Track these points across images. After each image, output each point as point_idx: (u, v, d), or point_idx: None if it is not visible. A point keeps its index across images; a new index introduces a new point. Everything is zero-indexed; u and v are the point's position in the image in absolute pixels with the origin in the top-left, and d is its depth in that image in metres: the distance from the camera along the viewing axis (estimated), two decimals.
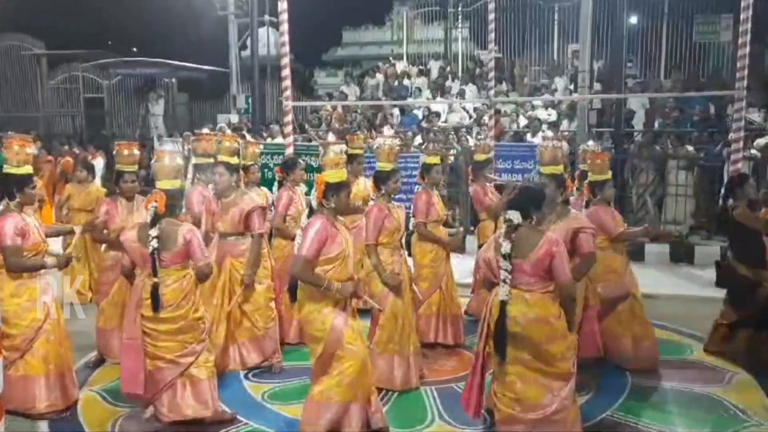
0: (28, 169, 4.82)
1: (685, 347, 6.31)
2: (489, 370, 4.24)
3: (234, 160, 5.68)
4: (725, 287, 5.99)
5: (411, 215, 6.20)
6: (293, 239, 5.12)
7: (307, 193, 6.29)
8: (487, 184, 6.93)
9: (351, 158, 6.23)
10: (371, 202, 5.17)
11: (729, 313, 5.88)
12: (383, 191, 5.32)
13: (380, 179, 5.33)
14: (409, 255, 6.02)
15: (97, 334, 5.80)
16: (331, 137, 8.49)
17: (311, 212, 4.54)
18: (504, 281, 3.97)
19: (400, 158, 6.19)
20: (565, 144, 5.37)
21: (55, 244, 5.24)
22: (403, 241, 5.49)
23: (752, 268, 5.66)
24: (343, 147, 4.71)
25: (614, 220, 5.46)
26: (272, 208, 6.38)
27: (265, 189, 6.95)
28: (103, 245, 6.05)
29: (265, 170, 10.02)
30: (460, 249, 7.06)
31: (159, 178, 4.56)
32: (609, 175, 5.48)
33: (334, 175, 4.40)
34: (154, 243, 4.34)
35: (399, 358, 5.18)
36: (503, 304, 3.97)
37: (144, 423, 4.72)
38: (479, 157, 6.75)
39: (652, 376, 5.52)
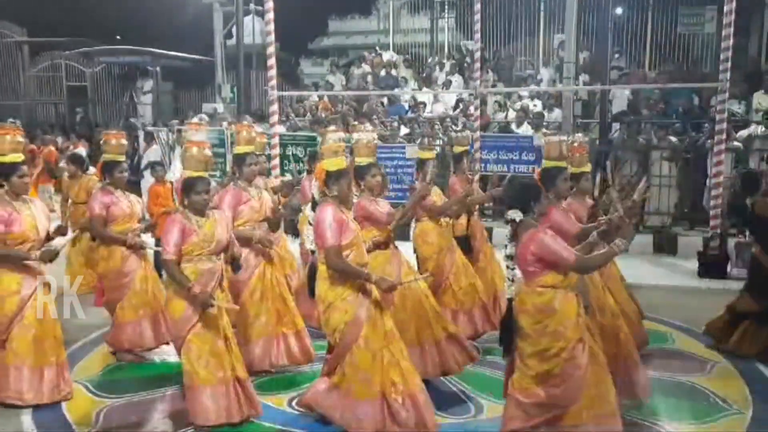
0: (15, 157, 4.78)
1: (667, 336, 6.39)
2: None
3: (253, 148, 5.73)
4: (712, 278, 6.04)
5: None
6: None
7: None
8: (469, 175, 6.92)
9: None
10: (354, 198, 5.08)
11: (748, 302, 5.84)
12: (362, 187, 5.18)
13: (358, 174, 5.22)
14: (414, 252, 6.03)
15: (120, 328, 5.66)
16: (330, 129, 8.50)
17: (314, 205, 4.54)
18: (510, 280, 3.99)
19: (386, 149, 6.20)
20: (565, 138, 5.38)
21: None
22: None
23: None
24: (342, 135, 4.70)
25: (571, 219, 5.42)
26: None
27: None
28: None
29: None
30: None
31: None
32: (587, 167, 5.47)
33: (333, 163, 4.40)
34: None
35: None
36: (510, 302, 4.01)
37: (125, 414, 4.73)
38: (457, 149, 6.79)
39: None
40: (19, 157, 4.81)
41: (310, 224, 4.57)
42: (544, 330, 3.89)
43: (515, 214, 3.93)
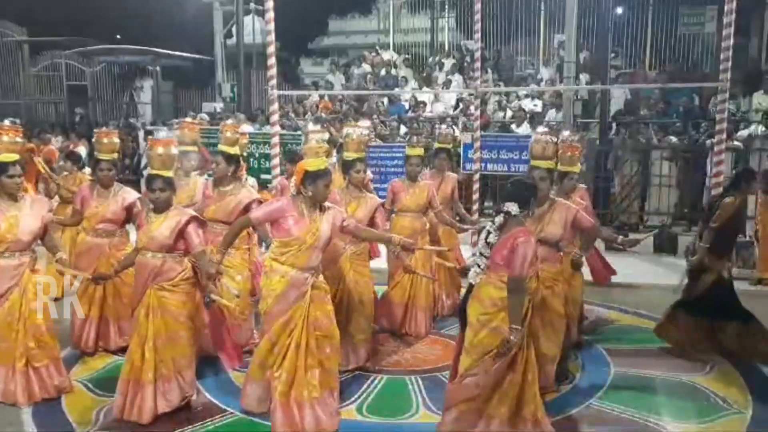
0: (7, 156, 4.76)
1: None
2: None
3: (233, 150, 5.68)
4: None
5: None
6: None
7: None
8: (448, 174, 6.96)
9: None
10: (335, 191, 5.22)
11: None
12: (347, 181, 5.33)
13: (344, 168, 5.38)
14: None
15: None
16: (311, 126, 8.50)
17: None
18: (478, 265, 4.08)
19: (385, 148, 6.25)
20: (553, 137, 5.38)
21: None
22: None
23: (714, 256, 5.70)
24: (325, 136, 4.74)
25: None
26: None
27: (253, 180, 6.92)
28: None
29: (251, 159, 10.00)
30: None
31: None
32: (576, 168, 5.45)
33: (312, 163, 4.44)
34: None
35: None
36: (470, 287, 4.13)
37: None
38: (437, 145, 6.87)
39: (634, 365, 5.58)
40: (11, 156, 4.78)
41: None
42: (488, 323, 4.01)
43: (512, 207, 4.02)
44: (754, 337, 5.67)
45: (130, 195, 5.77)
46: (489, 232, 4.06)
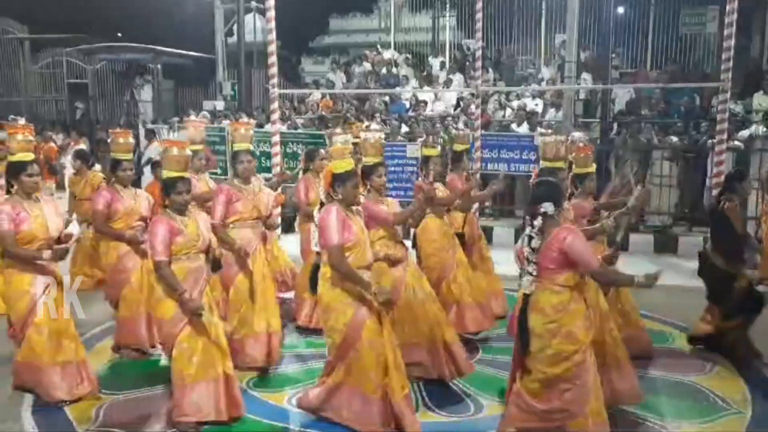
0: (22, 156, 4.79)
1: (667, 336, 6.39)
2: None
3: (251, 146, 5.78)
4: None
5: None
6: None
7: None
8: (463, 173, 6.95)
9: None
10: (361, 198, 5.11)
11: (713, 310, 5.85)
12: (368, 186, 5.14)
13: (364, 174, 5.14)
14: (413, 247, 6.03)
15: (121, 324, 5.72)
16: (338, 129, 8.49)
17: (321, 206, 4.56)
18: (530, 274, 3.96)
19: (386, 147, 6.23)
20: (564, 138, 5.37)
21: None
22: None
23: (736, 260, 5.69)
24: (349, 137, 4.71)
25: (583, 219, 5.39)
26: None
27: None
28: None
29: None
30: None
31: None
32: (592, 168, 5.44)
33: (340, 165, 4.42)
34: None
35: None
36: (526, 297, 3.99)
37: (126, 410, 4.75)
38: (457, 147, 6.82)
39: (635, 365, 5.57)
40: (28, 156, 4.81)
41: (317, 225, 4.57)
42: (558, 330, 3.87)
43: (549, 207, 3.91)
44: None
45: (145, 193, 5.92)
46: (531, 237, 3.96)
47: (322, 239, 4.35)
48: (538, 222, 3.92)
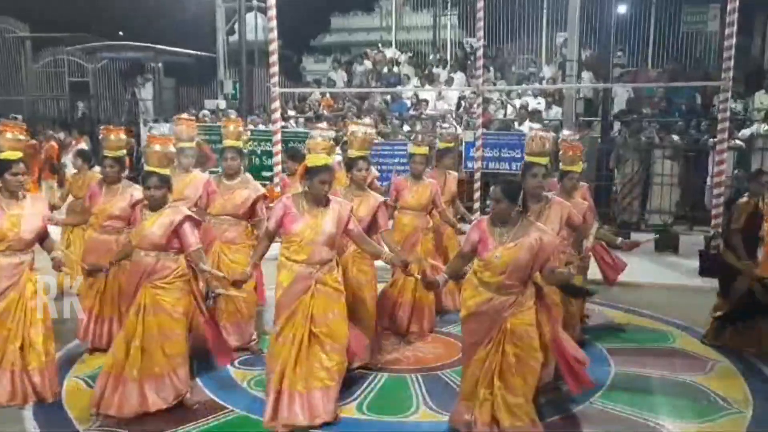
0: (10, 154, 4.73)
1: (668, 335, 6.38)
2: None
3: (240, 144, 5.80)
4: (708, 276, 6.06)
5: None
6: None
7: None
8: (450, 172, 6.96)
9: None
10: (341, 191, 5.19)
11: (720, 303, 5.96)
12: (349, 179, 5.37)
13: (347, 167, 5.42)
14: None
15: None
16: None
17: None
18: None
19: (387, 146, 6.26)
20: (551, 134, 5.37)
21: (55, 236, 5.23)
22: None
23: (741, 258, 5.73)
24: (331, 133, 4.75)
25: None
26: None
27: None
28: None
29: (252, 156, 10.01)
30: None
31: None
32: (577, 167, 5.43)
33: (311, 159, 4.50)
34: None
35: None
36: None
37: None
38: (441, 145, 6.85)
39: (635, 364, 5.59)
40: (15, 154, 4.75)
41: None
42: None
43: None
44: None
45: (137, 192, 5.69)
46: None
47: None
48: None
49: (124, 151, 5.87)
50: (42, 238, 4.89)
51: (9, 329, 4.68)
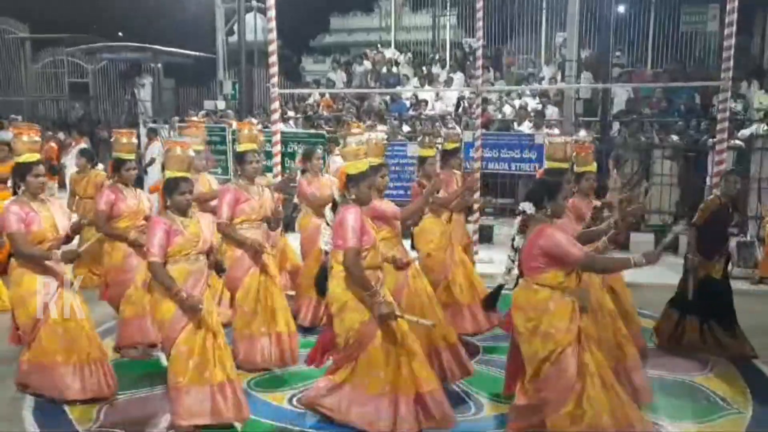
0: (30, 157, 4.78)
1: None
2: None
3: (256, 146, 5.74)
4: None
5: None
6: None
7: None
8: (455, 172, 6.97)
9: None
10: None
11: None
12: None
13: None
14: (413, 248, 6.04)
15: (124, 324, 5.69)
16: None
17: (335, 206, 4.52)
18: (508, 270, 4.13)
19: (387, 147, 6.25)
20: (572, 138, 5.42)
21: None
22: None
23: (702, 257, 5.78)
24: (364, 137, 4.70)
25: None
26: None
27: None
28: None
29: None
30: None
31: None
32: (592, 167, 5.44)
33: (353, 166, 4.39)
34: None
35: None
36: (499, 288, 4.23)
37: (127, 410, 4.76)
38: (447, 146, 6.84)
39: None
40: (34, 156, 4.80)
41: (328, 225, 4.54)
42: (536, 330, 3.90)
43: (527, 206, 3.97)
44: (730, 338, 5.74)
45: (145, 194, 5.94)
46: (513, 237, 4.05)
47: (338, 239, 4.27)
48: (517, 221, 4.01)
49: (135, 154, 5.93)
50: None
51: (72, 322, 4.77)
